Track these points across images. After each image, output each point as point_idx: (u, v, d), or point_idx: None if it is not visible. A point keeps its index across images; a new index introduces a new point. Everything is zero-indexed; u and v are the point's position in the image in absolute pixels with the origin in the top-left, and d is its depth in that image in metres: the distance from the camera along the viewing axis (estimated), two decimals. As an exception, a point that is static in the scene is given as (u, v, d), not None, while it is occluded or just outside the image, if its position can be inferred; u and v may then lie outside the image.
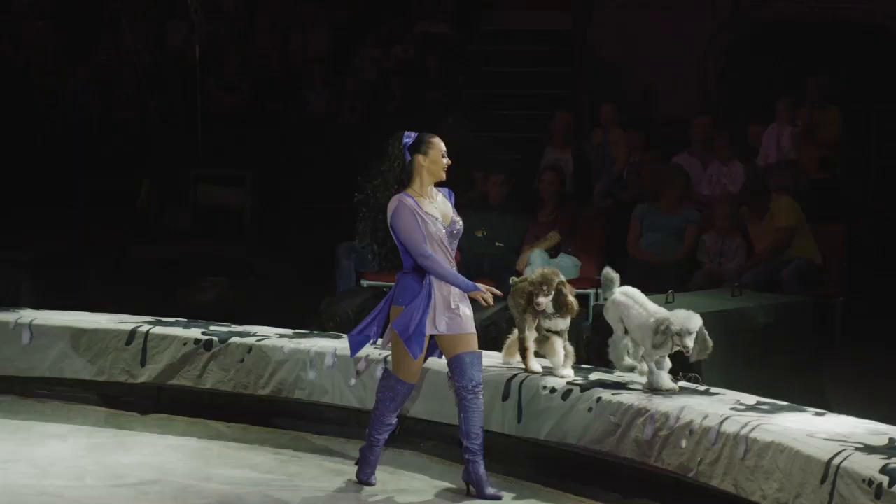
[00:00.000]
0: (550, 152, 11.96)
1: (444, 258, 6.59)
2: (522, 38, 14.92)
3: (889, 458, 5.65)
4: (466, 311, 6.66)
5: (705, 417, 6.40)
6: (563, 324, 7.10)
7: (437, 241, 6.57)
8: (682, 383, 7.02)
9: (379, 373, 7.63)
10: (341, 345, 7.94)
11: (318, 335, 8.24)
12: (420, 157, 6.63)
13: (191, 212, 11.99)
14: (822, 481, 5.69)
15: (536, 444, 7.16)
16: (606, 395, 6.86)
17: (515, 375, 7.20)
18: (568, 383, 7.02)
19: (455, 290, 6.62)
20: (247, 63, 14.91)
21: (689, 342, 6.65)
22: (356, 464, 6.97)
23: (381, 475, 7.15)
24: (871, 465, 5.57)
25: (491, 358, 7.26)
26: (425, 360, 6.78)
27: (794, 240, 9.84)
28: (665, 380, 6.80)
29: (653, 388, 6.79)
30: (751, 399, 6.68)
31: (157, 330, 8.28)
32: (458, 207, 6.85)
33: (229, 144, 13.11)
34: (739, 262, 9.90)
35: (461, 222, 6.73)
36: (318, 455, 7.57)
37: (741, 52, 14.16)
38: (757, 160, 11.51)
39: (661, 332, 6.67)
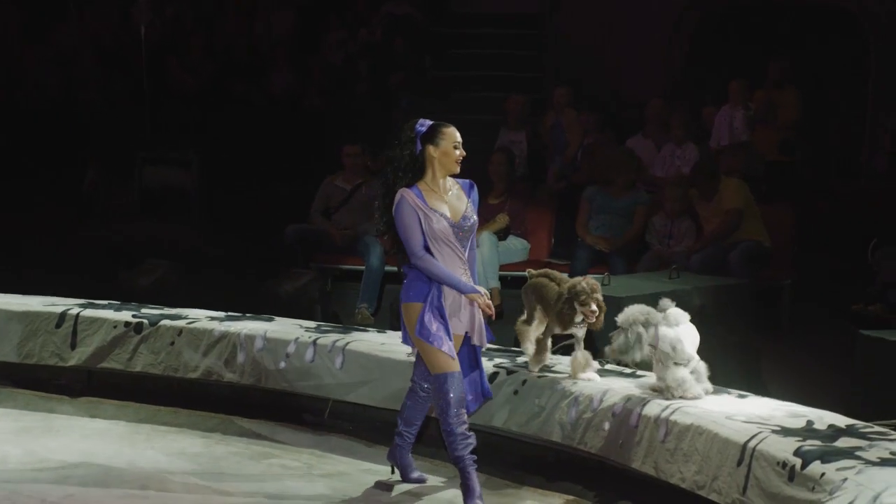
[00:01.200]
0: (505, 134, 11.85)
1: (451, 255, 6.21)
2: (489, 21, 14.85)
3: (804, 440, 5.61)
4: (464, 312, 6.28)
5: (628, 400, 6.36)
6: (584, 331, 6.78)
7: (441, 238, 6.18)
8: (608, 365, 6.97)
9: (308, 357, 7.55)
10: (272, 327, 7.88)
11: (249, 318, 8.13)
12: (431, 148, 6.18)
13: (137, 193, 11.91)
14: (739, 463, 5.67)
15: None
16: (532, 377, 6.81)
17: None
18: (495, 367, 6.96)
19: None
20: (212, 45, 14.81)
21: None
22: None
23: (308, 458, 7.12)
24: (785, 448, 5.54)
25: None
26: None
27: (742, 222, 9.73)
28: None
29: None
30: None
31: (88, 313, 8.20)
32: None
33: (189, 126, 13.02)
34: (688, 244, 9.79)
35: (475, 218, 6.29)
36: (246, 438, 7.50)
37: (707, 34, 14.06)
38: (710, 142, 11.42)
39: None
